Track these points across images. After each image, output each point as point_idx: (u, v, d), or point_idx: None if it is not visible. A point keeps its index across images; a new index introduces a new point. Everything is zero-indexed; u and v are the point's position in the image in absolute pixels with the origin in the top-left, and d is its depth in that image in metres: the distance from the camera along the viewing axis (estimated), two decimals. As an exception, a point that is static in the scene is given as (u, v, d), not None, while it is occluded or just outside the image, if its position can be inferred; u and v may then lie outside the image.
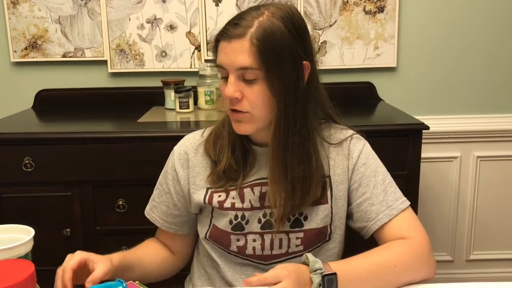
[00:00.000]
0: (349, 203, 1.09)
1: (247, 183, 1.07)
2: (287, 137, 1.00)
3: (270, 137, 1.01)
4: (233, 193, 1.07)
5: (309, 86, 1.02)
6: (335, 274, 0.90)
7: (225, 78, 1.00)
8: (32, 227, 0.90)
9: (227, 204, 1.06)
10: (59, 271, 0.94)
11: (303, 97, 1.00)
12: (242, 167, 1.07)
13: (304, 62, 0.99)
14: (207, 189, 1.08)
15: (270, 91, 0.97)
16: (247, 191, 1.06)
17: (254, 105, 0.98)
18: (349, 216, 1.10)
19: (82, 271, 0.95)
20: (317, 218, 1.06)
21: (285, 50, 0.96)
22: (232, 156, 1.06)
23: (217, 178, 1.07)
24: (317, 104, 1.06)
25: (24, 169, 1.69)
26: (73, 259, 0.94)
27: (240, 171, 1.06)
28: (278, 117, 0.99)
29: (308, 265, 0.91)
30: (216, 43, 1.00)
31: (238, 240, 1.07)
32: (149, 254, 1.15)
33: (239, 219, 1.06)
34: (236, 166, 1.06)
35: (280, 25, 0.96)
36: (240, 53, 0.95)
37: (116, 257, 1.02)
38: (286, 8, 1.00)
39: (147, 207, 1.19)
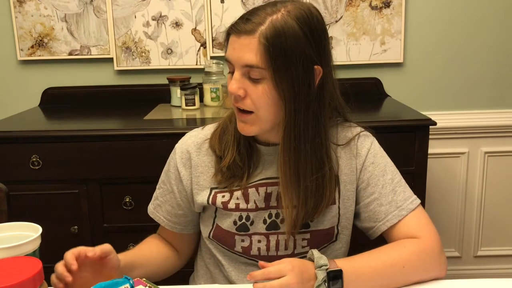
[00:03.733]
0: (356, 203, 1.07)
1: (251, 183, 1.04)
2: (299, 144, 0.96)
3: (280, 142, 0.97)
4: (237, 194, 1.04)
5: (322, 92, 0.97)
6: (340, 270, 0.89)
7: (232, 73, 0.98)
8: (40, 225, 0.90)
9: (231, 205, 1.04)
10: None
11: (314, 103, 0.96)
12: (246, 165, 1.04)
13: (315, 66, 0.95)
14: (211, 189, 1.06)
15: (276, 93, 0.93)
16: (251, 191, 1.04)
17: (258, 105, 0.95)
18: (356, 215, 1.09)
19: (82, 269, 0.90)
20: (324, 219, 1.04)
21: (296, 52, 0.92)
22: (237, 152, 1.03)
23: (221, 175, 1.04)
24: (331, 110, 1.03)
25: (32, 166, 1.70)
26: (72, 249, 0.90)
27: (245, 168, 1.04)
28: (287, 122, 0.95)
29: (313, 261, 0.91)
30: (227, 35, 0.98)
31: (242, 240, 1.06)
32: (153, 252, 1.13)
33: (243, 220, 1.05)
34: (240, 162, 1.03)
35: (294, 26, 0.91)
36: (247, 50, 0.92)
37: (120, 256, 0.99)
38: (305, 7, 0.95)
39: (150, 206, 1.17)
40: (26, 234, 0.88)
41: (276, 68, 0.91)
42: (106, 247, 0.93)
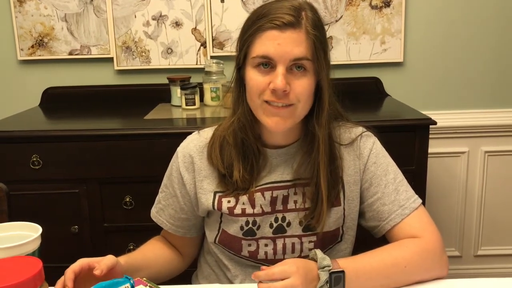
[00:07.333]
0: (360, 202, 1.07)
1: (257, 187, 1.03)
2: (325, 136, 1.00)
3: (319, 135, 0.99)
4: (243, 199, 1.03)
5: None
6: (343, 272, 0.89)
7: (260, 67, 0.95)
8: (40, 224, 0.90)
9: (238, 210, 1.03)
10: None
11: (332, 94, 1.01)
12: (254, 175, 1.03)
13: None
14: (215, 193, 1.05)
15: (314, 83, 0.97)
16: (257, 195, 1.03)
17: (300, 98, 0.96)
18: (361, 214, 1.09)
19: (89, 279, 0.89)
20: (329, 221, 1.04)
21: (325, 41, 0.98)
22: (243, 167, 1.02)
23: (226, 186, 1.04)
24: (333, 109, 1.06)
25: (32, 166, 1.70)
26: (74, 263, 0.89)
27: (253, 179, 1.03)
28: (323, 114, 0.99)
29: (316, 261, 0.91)
30: (257, 32, 0.94)
31: (249, 245, 1.05)
32: (156, 254, 1.12)
33: (250, 225, 1.04)
34: (248, 175, 1.02)
35: (318, 15, 0.98)
36: (296, 43, 0.93)
37: (123, 258, 0.99)
38: (311, 3, 1.00)
39: (153, 210, 1.16)
40: (26, 234, 0.88)
41: (318, 58, 0.95)
42: (110, 260, 0.90)
